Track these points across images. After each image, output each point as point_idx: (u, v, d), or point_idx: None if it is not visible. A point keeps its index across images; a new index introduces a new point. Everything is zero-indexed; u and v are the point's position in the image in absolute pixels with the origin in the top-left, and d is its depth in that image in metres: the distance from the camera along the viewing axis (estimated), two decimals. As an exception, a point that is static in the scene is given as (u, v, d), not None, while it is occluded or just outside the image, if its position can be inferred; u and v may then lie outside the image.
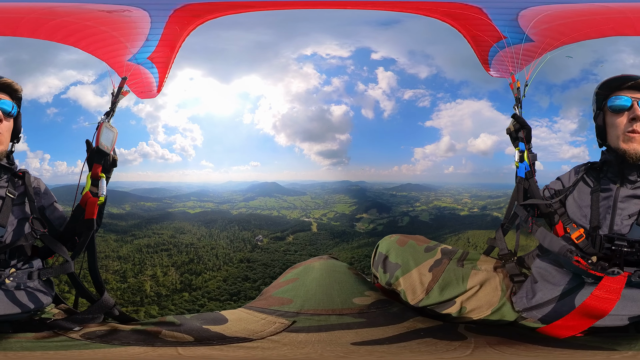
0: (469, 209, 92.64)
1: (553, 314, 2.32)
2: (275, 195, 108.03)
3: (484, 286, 2.52)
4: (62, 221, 2.65)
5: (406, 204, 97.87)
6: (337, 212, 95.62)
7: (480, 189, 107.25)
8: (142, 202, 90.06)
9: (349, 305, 2.62)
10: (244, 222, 79.45)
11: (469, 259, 2.68)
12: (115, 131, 2.69)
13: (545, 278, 2.47)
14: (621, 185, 2.45)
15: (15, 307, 2.27)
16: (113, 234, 63.10)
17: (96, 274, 2.57)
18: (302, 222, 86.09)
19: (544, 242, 2.49)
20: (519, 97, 3.02)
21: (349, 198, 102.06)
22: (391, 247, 2.75)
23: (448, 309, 2.48)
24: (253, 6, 3.34)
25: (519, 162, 2.80)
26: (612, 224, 2.38)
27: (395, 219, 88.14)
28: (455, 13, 3.21)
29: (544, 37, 3.03)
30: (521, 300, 2.45)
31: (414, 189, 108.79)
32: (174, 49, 3.28)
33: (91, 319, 2.37)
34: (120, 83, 2.99)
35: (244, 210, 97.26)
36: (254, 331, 2.32)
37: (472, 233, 64.42)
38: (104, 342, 2.10)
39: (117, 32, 3.04)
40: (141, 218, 75.08)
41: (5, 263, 2.35)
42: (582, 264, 2.23)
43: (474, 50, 3.43)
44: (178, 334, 2.20)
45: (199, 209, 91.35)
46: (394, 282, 2.63)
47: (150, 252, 59.97)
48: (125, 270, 53.60)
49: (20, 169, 2.61)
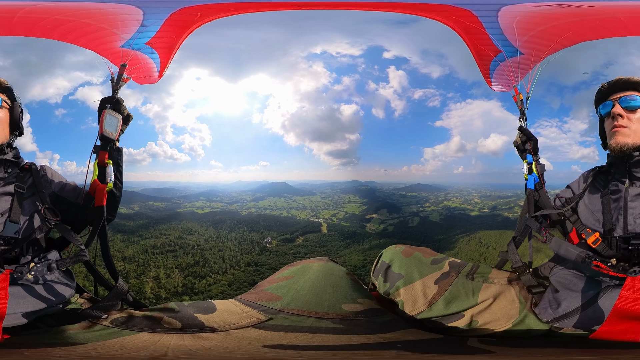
0: (479, 209, 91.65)
1: (588, 321, 2.30)
2: (284, 196, 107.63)
3: (499, 299, 2.49)
4: (77, 192, 2.70)
5: (416, 204, 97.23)
6: (347, 213, 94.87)
7: (490, 189, 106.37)
8: (150, 202, 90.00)
9: (335, 310, 2.57)
10: (252, 223, 78.68)
11: (479, 272, 2.65)
12: (119, 117, 2.69)
13: (566, 287, 2.46)
14: (630, 184, 2.48)
15: (41, 303, 2.31)
16: (120, 234, 62.68)
17: (109, 260, 2.65)
18: (312, 223, 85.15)
19: (560, 251, 2.50)
20: (523, 109, 3.05)
21: (358, 198, 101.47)
22: (395, 257, 2.74)
23: (455, 322, 2.45)
24: (266, 7, 3.32)
25: (528, 174, 2.83)
26: (625, 224, 2.40)
27: (406, 219, 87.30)
28: (459, 21, 3.22)
29: (531, 49, 3.11)
30: (546, 311, 2.43)
31: (423, 189, 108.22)
32: (182, 34, 3.24)
33: (112, 306, 2.48)
34: (120, 70, 2.94)
35: (253, 211, 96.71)
36: (227, 322, 2.40)
37: (483, 233, 63.18)
38: (127, 328, 2.24)
39: (105, 24, 3.03)
40: (149, 218, 74.72)
41: (24, 259, 2.39)
42: (603, 267, 2.25)
43: (478, 64, 3.47)
44: (173, 321, 2.33)
45: (208, 209, 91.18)
46: (393, 292, 2.61)
47: (155, 253, 59.33)
48: (128, 271, 52.96)
49: (27, 162, 2.65)
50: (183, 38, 3.28)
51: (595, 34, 3.01)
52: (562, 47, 3.06)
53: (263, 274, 56.74)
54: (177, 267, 57.20)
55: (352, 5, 3.46)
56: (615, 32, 2.97)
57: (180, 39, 3.28)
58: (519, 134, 2.91)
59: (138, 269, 54.36)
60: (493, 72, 3.46)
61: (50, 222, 2.48)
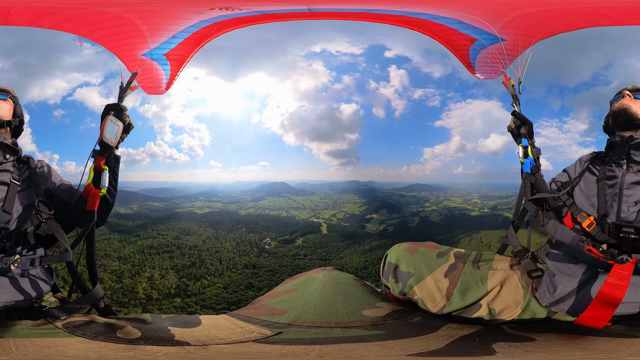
0: (479, 209, 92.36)
1: (578, 305, 2.33)
2: (284, 195, 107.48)
3: (505, 285, 2.51)
4: (72, 193, 2.72)
5: (416, 204, 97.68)
6: (346, 213, 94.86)
7: (489, 189, 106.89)
8: (150, 202, 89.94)
9: (358, 318, 2.52)
10: (251, 224, 78.39)
11: (483, 260, 2.66)
12: (120, 125, 2.73)
13: (561, 270, 2.48)
14: (627, 168, 2.49)
15: (20, 295, 2.36)
16: (118, 233, 62.65)
17: (92, 264, 2.66)
18: (312, 223, 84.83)
19: (556, 234, 2.53)
20: (514, 94, 3.06)
21: (358, 198, 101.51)
22: (401, 256, 2.72)
23: (476, 312, 2.45)
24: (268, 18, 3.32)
25: (524, 157, 2.84)
26: (619, 211, 2.41)
27: (406, 220, 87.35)
28: (421, 23, 3.24)
29: (514, 34, 3.07)
30: (544, 295, 2.45)
31: (423, 189, 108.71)
32: (195, 48, 3.25)
33: (78, 309, 2.47)
34: (131, 78, 2.95)
35: (253, 211, 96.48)
36: (211, 337, 2.24)
37: (485, 233, 63.95)
38: (71, 332, 2.18)
39: (146, 26, 2.98)
40: (148, 218, 74.53)
41: (11, 250, 2.42)
42: (594, 252, 2.28)
43: (454, 54, 3.45)
44: (133, 330, 2.22)
45: (207, 209, 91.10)
46: (408, 291, 2.59)
47: (152, 253, 59.11)
48: (122, 271, 52.81)
49: (25, 154, 2.71)
50: (194, 52, 3.33)
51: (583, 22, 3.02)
52: (555, 33, 3.04)
53: (260, 277, 56.34)
54: (172, 268, 56.72)
55: (319, 15, 3.41)
56: (594, 21, 3.02)
57: (192, 53, 3.33)
58: (512, 119, 2.93)
59: (133, 269, 53.95)
60: (475, 61, 3.46)
61: (42, 216, 2.50)
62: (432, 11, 3.16)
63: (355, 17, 3.42)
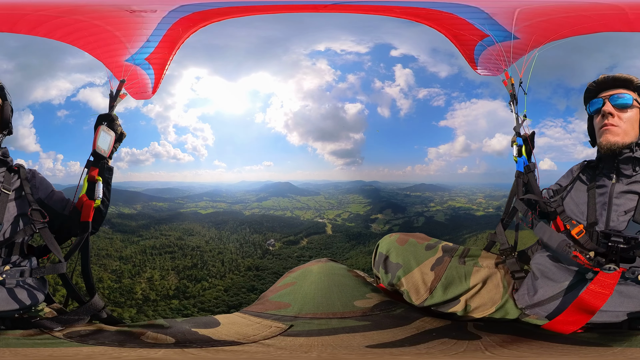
0: (484, 209, 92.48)
1: (556, 311, 2.31)
2: (288, 196, 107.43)
3: (487, 283, 2.52)
4: (64, 203, 2.68)
5: (420, 204, 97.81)
6: (351, 213, 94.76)
7: (494, 189, 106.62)
8: (153, 202, 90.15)
9: (351, 309, 2.58)
10: (255, 224, 78.07)
11: (470, 255, 2.66)
12: (113, 135, 2.73)
13: (545, 275, 2.46)
14: (617, 180, 2.49)
15: (11, 304, 2.31)
16: (120, 233, 62.61)
17: (88, 276, 2.60)
18: (317, 224, 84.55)
19: (544, 236, 2.52)
20: (514, 93, 3.08)
21: (363, 198, 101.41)
22: (391, 246, 2.72)
23: (453, 307, 2.46)
24: (259, 9, 3.27)
25: (517, 156, 2.87)
26: (608, 220, 2.41)
27: (411, 220, 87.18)
28: (430, 15, 3.18)
29: (530, 34, 3.04)
30: (523, 298, 2.45)
31: (427, 189, 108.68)
32: (172, 50, 3.29)
33: (77, 320, 2.38)
34: (119, 86, 2.93)
35: (257, 211, 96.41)
36: (246, 335, 2.26)
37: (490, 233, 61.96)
38: (81, 341, 2.12)
39: (120, 32, 3.01)
40: (151, 218, 74.46)
41: (2, 260, 2.38)
42: (581, 258, 2.28)
43: (459, 49, 3.47)
44: (161, 336, 2.15)
45: (211, 209, 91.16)
46: (396, 282, 2.61)
47: (154, 254, 58.96)
48: (123, 271, 52.61)
49: (16, 163, 2.65)
50: (173, 54, 3.33)
51: (602, 27, 2.94)
52: (568, 35, 3.00)
53: (264, 279, 55.73)
54: (173, 269, 56.40)
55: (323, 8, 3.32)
56: (619, 27, 2.90)
57: (171, 56, 3.34)
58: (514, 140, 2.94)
59: (133, 270, 53.73)
60: (479, 57, 3.44)
61: (35, 225, 2.43)
62: (457, 0, 3.10)
63: (360, 10, 3.33)
